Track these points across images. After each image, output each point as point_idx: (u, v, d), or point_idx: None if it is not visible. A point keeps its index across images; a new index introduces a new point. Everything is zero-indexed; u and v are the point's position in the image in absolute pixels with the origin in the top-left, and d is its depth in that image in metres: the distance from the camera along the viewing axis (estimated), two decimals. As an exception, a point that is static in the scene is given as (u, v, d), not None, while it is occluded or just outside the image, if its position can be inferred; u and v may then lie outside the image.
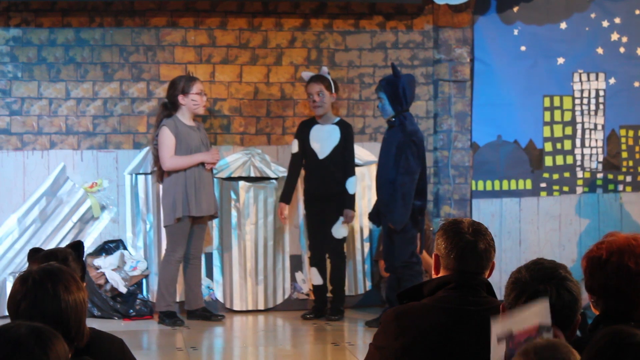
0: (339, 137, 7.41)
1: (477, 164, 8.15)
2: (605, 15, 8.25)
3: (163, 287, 7.23)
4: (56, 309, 2.74)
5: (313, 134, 7.46)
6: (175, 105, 7.20)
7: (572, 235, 8.24)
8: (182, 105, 7.19)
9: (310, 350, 6.77)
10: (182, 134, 7.18)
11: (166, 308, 7.22)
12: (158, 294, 7.29)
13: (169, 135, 7.14)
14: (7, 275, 7.39)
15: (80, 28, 7.66)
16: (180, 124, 7.19)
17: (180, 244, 7.23)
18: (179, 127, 7.17)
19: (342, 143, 7.40)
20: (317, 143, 7.44)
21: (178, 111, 7.21)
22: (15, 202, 7.55)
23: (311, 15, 7.96)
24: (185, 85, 7.17)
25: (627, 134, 8.36)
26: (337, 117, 7.53)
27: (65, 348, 2.35)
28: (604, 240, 3.12)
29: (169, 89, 7.26)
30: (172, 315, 7.22)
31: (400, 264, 6.92)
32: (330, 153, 7.40)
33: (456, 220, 3.36)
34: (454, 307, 3.19)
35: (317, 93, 7.36)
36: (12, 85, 7.61)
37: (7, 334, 2.28)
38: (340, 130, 7.43)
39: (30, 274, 2.83)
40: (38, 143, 7.64)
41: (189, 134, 7.20)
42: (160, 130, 7.16)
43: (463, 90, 8.07)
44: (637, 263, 3.01)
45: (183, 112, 7.21)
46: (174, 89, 7.20)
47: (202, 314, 7.36)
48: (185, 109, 7.21)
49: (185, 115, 7.22)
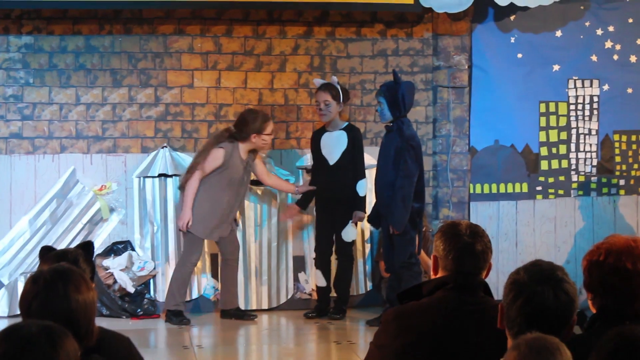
0: (347, 141, 7.45)
1: (475, 168, 8.16)
2: (600, 23, 8.25)
3: (175, 287, 7.27)
4: (66, 308, 2.74)
5: (323, 142, 7.51)
6: (245, 139, 7.25)
7: (567, 237, 8.24)
8: (251, 142, 7.26)
9: (312, 349, 6.80)
10: (233, 165, 7.23)
11: (175, 307, 7.27)
12: (169, 292, 7.32)
13: (219, 159, 7.21)
14: (19, 275, 7.43)
15: (90, 35, 7.70)
16: (236, 154, 7.24)
17: (197, 248, 7.32)
18: (233, 157, 7.23)
19: (350, 147, 7.44)
20: (327, 150, 7.48)
21: (242, 142, 7.28)
22: (26, 205, 7.59)
23: (314, 23, 8.00)
24: (260, 126, 7.22)
25: (620, 139, 8.36)
26: (345, 123, 7.55)
27: (75, 346, 2.34)
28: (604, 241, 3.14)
29: (240, 122, 7.26)
30: (179, 314, 7.27)
31: (399, 265, 6.96)
32: (340, 158, 7.45)
33: (454, 222, 3.37)
34: (452, 307, 3.20)
35: (323, 102, 7.40)
36: (24, 90, 7.66)
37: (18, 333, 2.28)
38: (347, 135, 7.46)
39: (41, 274, 2.82)
40: (49, 147, 7.69)
41: (238, 167, 7.26)
42: (216, 150, 7.21)
43: (461, 96, 8.10)
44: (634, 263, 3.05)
45: (246, 145, 7.28)
46: (248, 126, 7.21)
47: (236, 313, 7.43)
48: (249, 145, 7.28)
49: (245, 149, 7.29)
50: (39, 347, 2.26)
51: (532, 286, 2.73)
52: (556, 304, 2.72)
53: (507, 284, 2.81)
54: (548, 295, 2.72)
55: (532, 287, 2.73)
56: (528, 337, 2.44)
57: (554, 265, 2.82)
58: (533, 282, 2.74)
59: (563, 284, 2.75)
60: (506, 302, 2.77)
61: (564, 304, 2.73)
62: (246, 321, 7.39)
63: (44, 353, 2.25)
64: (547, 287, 2.73)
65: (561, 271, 2.80)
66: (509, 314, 2.75)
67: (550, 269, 2.79)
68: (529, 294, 2.72)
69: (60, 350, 2.28)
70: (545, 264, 2.82)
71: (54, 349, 2.27)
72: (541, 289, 2.72)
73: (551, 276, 2.76)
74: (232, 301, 7.48)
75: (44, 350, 2.26)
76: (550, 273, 2.77)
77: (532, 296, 2.72)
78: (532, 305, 2.71)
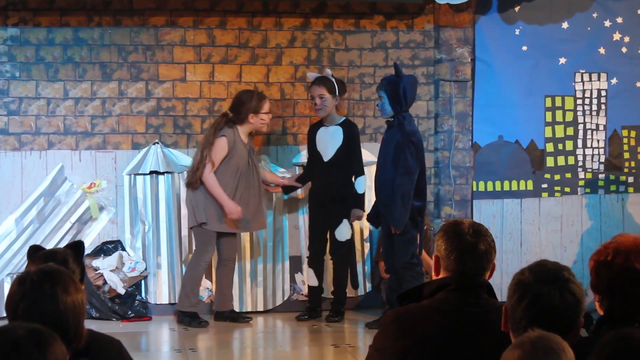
0: (342, 137, 7.39)
1: (478, 165, 8.15)
2: (607, 15, 8.25)
3: (189, 288, 7.26)
4: (54, 310, 2.74)
5: (318, 137, 7.46)
6: (242, 121, 7.21)
7: (573, 237, 8.23)
8: (250, 123, 7.22)
9: (309, 352, 6.76)
10: (237, 151, 7.21)
11: (189, 309, 7.26)
12: (182, 294, 7.30)
13: (224, 148, 7.17)
14: (5, 276, 7.40)
15: (78, 27, 7.65)
16: (238, 139, 7.22)
17: (210, 246, 7.27)
18: (236, 143, 7.20)
19: (345, 144, 7.38)
20: (322, 145, 7.43)
21: (241, 125, 7.23)
22: (13, 203, 7.55)
23: (311, 15, 7.96)
24: (257, 105, 7.20)
25: (629, 135, 8.36)
26: (342, 118, 7.50)
27: (63, 350, 2.35)
28: (612, 240, 3.15)
29: (236, 104, 7.26)
30: (195, 316, 7.26)
31: (400, 265, 6.91)
32: (334, 155, 7.39)
33: (457, 221, 3.37)
34: (454, 309, 3.20)
35: (318, 96, 7.36)
36: (9, 85, 7.60)
37: (5, 336, 2.29)
38: (343, 131, 7.41)
39: (28, 275, 2.83)
40: (36, 143, 7.63)
41: (242, 152, 7.23)
42: (219, 139, 7.16)
43: (464, 90, 8.07)
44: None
45: (245, 128, 7.26)
46: (244, 107, 7.20)
47: (230, 315, 7.40)
48: (248, 126, 7.25)
49: (245, 131, 7.27)
50: (26, 351, 2.27)
51: (538, 287, 2.74)
52: (563, 305, 2.73)
53: (511, 285, 2.81)
54: (554, 296, 2.73)
55: (538, 288, 2.74)
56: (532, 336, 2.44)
57: (559, 265, 2.84)
58: (539, 283, 2.75)
59: (569, 285, 2.76)
60: (510, 304, 2.78)
61: (570, 305, 2.74)
62: (241, 324, 7.35)
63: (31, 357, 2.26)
64: (553, 288, 2.74)
65: (567, 271, 2.81)
66: (513, 315, 2.76)
67: (556, 269, 2.80)
68: (534, 295, 2.73)
69: (48, 354, 2.28)
70: (551, 264, 2.83)
71: (41, 353, 2.28)
72: (547, 289, 2.73)
73: (557, 277, 2.78)
74: (226, 303, 7.45)
75: (32, 354, 2.26)
76: (556, 273, 2.78)
77: (538, 297, 2.73)
78: (538, 307, 2.72)
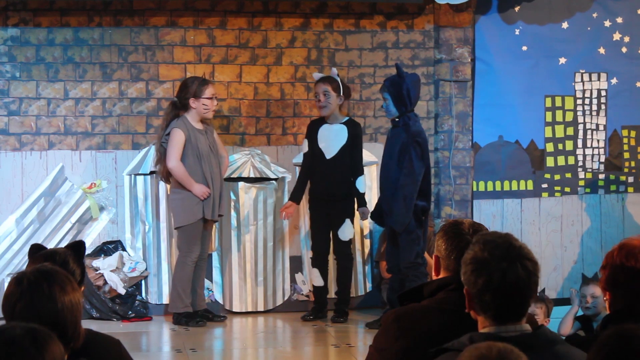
0: (347, 136, 7.34)
1: (478, 165, 8.14)
2: (608, 14, 8.24)
3: (180, 289, 7.19)
4: (52, 309, 2.74)
5: (321, 134, 7.39)
6: (186, 107, 7.16)
7: (573, 237, 8.22)
8: (192, 108, 7.15)
9: (310, 352, 6.73)
10: (192, 137, 7.14)
11: (184, 309, 7.20)
12: (174, 295, 7.24)
13: (181, 136, 7.09)
14: (5, 276, 7.36)
15: (78, 28, 7.63)
16: (190, 127, 7.15)
17: (195, 245, 7.21)
18: (189, 130, 7.13)
19: (349, 143, 7.33)
20: (324, 143, 7.37)
21: (187, 113, 7.18)
22: (13, 203, 7.53)
23: (311, 15, 7.95)
24: (197, 89, 7.13)
25: (629, 135, 8.35)
26: (345, 117, 7.44)
27: (61, 349, 2.35)
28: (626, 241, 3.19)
29: (180, 90, 7.21)
30: (192, 316, 7.21)
31: (405, 265, 6.87)
32: (338, 153, 7.34)
33: (457, 221, 3.36)
34: (455, 309, 3.16)
35: (322, 93, 7.29)
36: (10, 85, 7.58)
37: (2, 335, 2.28)
38: (348, 129, 7.36)
39: (25, 275, 2.82)
40: (36, 143, 7.62)
41: (198, 138, 7.16)
42: (173, 131, 7.11)
43: (464, 90, 8.06)
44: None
45: (192, 114, 7.17)
46: (185, 91, 7.14)
47: (204, 314, 7.33)
48: (194, 112, 7.17)
49: (194, 118, 7.18)
50: (24, 351, 2.25)
51: (497, 264, 2.71)
52: (526, 276, 2.72)
53: (467, 267, 2.76)
54: (518, 272, 2.71)
55: (497, 265, 2.70)
56: (494, 350, 2.30)
57: (505, 236, 2.80)
58: (497, 260, 2.71)
59: (523, 252, 2.75)
60: (476, 288, 2.73)
61: (532, 272, 2.73)
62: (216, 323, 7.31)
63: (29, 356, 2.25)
64: (513, 262, 2.71)
65: (513, 239, 2.79)
66: (482, 298, 2.73)
67: (506, 242, 2.76)
68: (500, 273, 2.69)
69: (45, 354, 2.27)
70: (497, 237, 2.77)
71: (39, 352, 2.27)
72: (507, 264, 2.70)
73: (511, 248, 2.74)
74: (199, 303, 7.38)
75: (29, 354, 2.25)
76: (508, 247, 2.75)
77: (503, 275, 2.69)
78: (506, 284, 2.69)
